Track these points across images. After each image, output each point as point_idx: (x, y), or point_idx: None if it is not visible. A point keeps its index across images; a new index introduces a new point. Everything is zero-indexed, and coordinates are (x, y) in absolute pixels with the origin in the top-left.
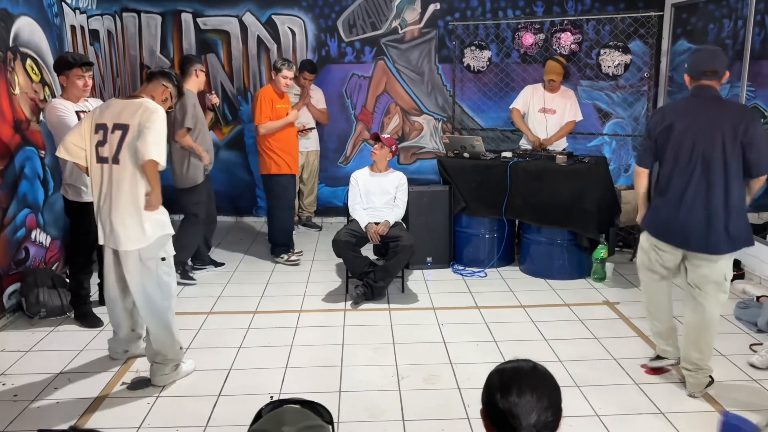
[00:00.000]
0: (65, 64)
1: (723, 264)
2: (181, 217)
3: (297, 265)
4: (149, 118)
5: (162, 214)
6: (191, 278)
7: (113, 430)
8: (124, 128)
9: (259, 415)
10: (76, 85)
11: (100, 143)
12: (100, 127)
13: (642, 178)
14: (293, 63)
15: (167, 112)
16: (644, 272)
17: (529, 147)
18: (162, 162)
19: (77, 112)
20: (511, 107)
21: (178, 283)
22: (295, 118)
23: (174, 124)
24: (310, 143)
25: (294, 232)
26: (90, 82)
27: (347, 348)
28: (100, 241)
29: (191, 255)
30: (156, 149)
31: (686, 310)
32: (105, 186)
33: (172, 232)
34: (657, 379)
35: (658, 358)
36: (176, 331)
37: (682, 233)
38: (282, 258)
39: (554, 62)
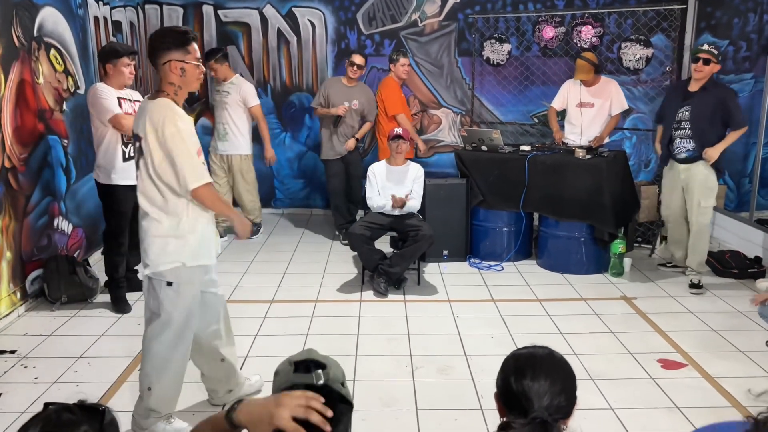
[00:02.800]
0: (113, 53)
1: None
2: None
3: None
4: (163, 135)
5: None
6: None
7: (131, 413)
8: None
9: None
10: (122, 73)
11: None
12: None
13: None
14: (405, 52)
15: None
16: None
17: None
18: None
19: (119, 99)
20: (551, 105)
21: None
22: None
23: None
24: (228, 146)
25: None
26: (134, 71)
27: (362, 338)
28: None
29: (342, 219)
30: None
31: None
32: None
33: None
34: (672, 374)
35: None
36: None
37: None
38: None
39: (581, 60)
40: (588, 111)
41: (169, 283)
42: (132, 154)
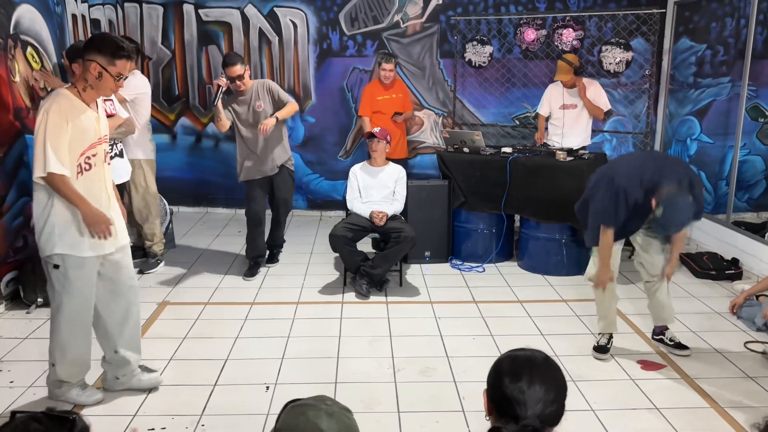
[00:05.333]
0: (80, 51)
1: None
2: None
3: None
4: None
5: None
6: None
7: (109, 417)
8: None
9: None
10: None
11: None
12: None
13: None
14: (390, 56)
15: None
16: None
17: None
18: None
19: None
20: (538, 113)
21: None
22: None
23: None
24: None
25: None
26: None
27: (344, 340)
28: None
29: (252, 251)
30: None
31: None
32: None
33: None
34: (652, 374)
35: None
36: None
37: None
38: None
39: (560, 61)
40: (570, 112)
41: (56, 266)
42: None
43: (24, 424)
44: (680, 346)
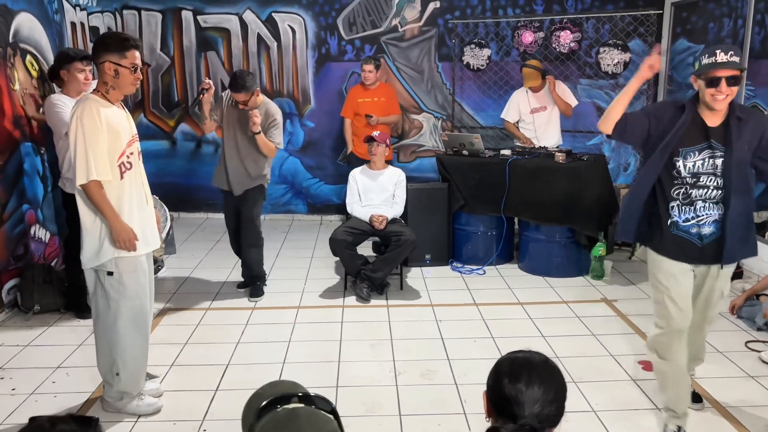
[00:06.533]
0: (66, 58)
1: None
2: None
3: None
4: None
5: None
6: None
7: (111, 423)
8: None
9: (260, 411)
10: (77, 79)
11: None
12: None
13: None
14: (370, 58)
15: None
16: None
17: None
18: (89, 177)
19: None
20: (504, 119)
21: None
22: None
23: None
24: None
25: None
26: (90, 77)
27: (345, 344)
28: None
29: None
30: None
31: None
32: None
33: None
34: (653, 375)
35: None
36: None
37: None
38: None
39: (527, 69)
40: (541, 115)
41: (110, 273)
42: None
43: (50, 422)
44: (695, 397)
